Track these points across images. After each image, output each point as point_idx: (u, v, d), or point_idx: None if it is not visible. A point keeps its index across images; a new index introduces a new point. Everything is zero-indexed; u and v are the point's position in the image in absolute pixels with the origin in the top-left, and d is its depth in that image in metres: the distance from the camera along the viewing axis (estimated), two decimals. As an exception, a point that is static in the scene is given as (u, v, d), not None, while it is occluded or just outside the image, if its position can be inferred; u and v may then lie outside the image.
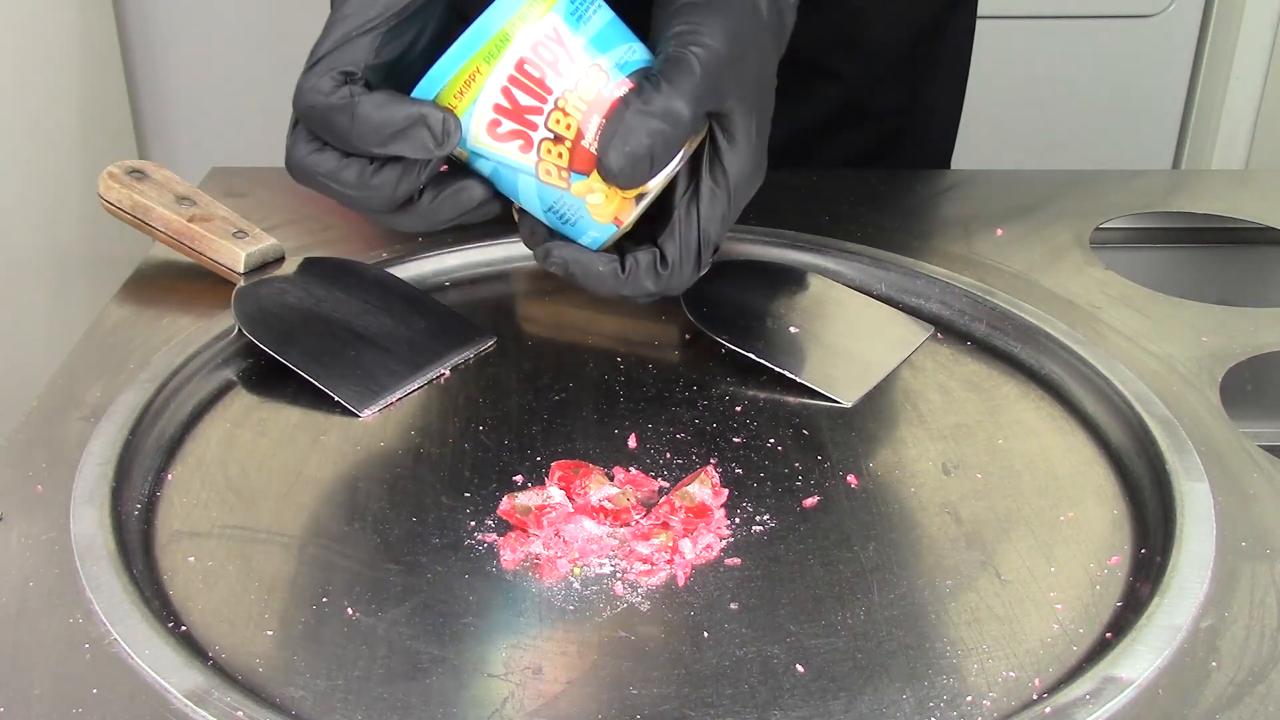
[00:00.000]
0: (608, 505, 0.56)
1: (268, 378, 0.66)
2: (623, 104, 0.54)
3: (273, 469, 0.60)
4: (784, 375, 0.67)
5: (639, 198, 0.56)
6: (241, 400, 0.65)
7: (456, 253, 0.77)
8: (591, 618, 0.51)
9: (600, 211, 0.57)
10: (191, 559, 0.54)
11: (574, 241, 0.58)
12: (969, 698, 0.48)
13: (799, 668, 0.49)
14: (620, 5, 0.57)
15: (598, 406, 0.65)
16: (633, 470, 0.60)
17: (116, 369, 0.65)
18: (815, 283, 0.75)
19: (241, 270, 0.71)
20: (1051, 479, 0.60)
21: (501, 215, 0.60)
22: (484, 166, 0.57)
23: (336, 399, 0.64)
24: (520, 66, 0.53)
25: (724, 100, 0.55)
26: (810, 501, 0.58)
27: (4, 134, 1.42)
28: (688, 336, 0.72)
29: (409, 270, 0.75)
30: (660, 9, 0.56)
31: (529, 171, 0.56)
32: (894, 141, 0.97)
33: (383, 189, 0.56)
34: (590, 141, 0.54)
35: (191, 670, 0.47)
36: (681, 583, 0.53)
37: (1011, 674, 0.49)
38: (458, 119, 0.54)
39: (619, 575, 0.54)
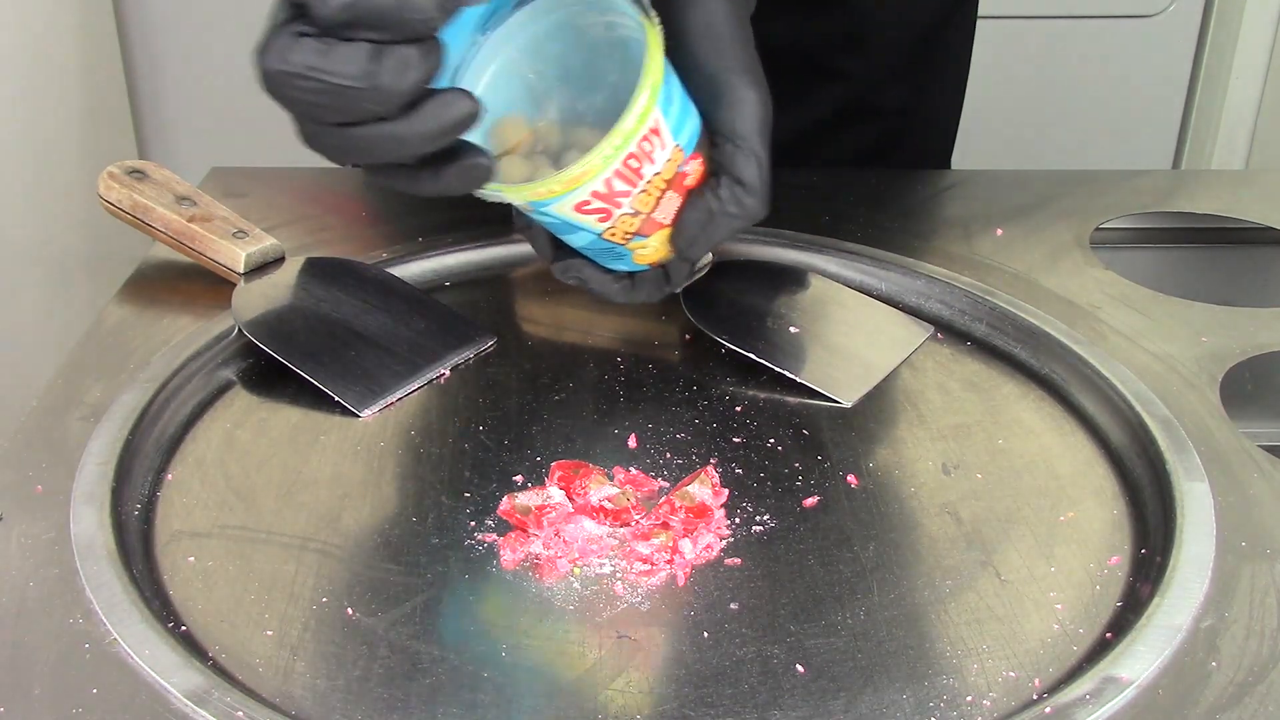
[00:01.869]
0: (608, 505, 0.56)
1: (268, 378, 0.66)
2: (709, 197, 0.58)
3: (273, 469, 0.60)
4: (784, 375, 0.67)
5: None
6: (241, 400, 0.65)
7: (456, 253, 0.77)
8: (591, 618, 0.51)
9: (645, 258, 0.61)
10: (191, 559, 0.54)
11: (593, 263, 0.62)
12: (969, 698, 0.48)
13: (799, 668, 0.49)
14: None
15: (598, 406, 0.65)
16: (633, 470, 0.60)
17: (116, 369, 0.65)
18: (815, 283, 0.75)
19: (241, 270, 0.71)
20: (1051, 479, 0.60)
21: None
22: (543, 218, 0.58)
23: (336, 399, 0.64)
24: (626, 162, 0.55)
25: (770, 166, 0.59)
26: (810, 501, 0.58)
27: (4, 134, 1.42)
28: (688, 336, 0.72)
29: (409, 270, 0.75)
30: (695, 57, 0.57)
31: (594, 231, 0.58)
32: (895, 141, 0.97)
33: (392, 76, 0.48)
34: (663, 214, 0.58)
35: (191, 670, 0.47)
36: (681, 583, 0.53)
37: (1011, 674, 0.49)
38: None
39: (619, 575, 0.54)
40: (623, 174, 0.55)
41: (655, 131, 0.55)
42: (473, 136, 0.53)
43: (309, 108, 0.49)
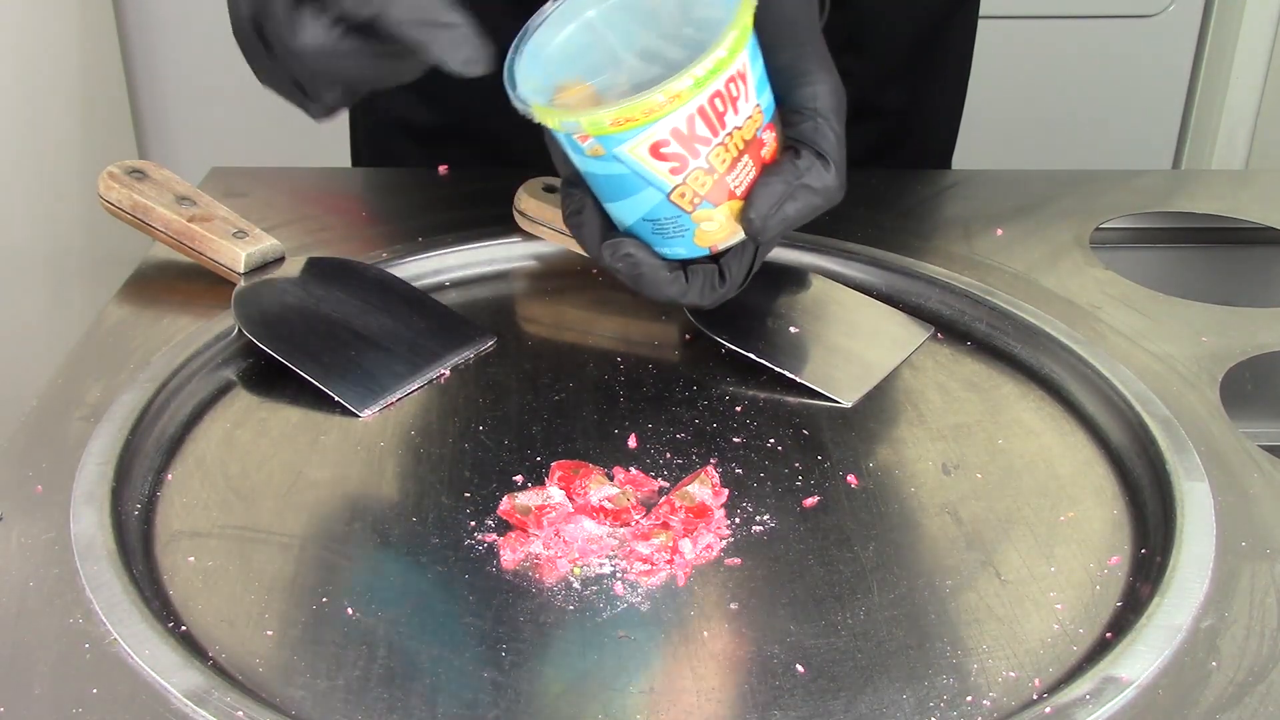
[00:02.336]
0: (608, 505, 0.56)
1: (268, 378, 0.66)
2: (789, 169, 0.56)
3: (273, 469, 0.60)
4: (784, 375, 0.67)
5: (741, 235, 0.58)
6: (241, 400, 0.65)
7: (456, 253, 0.77)
8: (592, 618, 0.51)
9: (706, 237, 0.58)
10: (191, 559, 0.54)
11: (647, 246, 0.59)
12: (969, 698, 0.48)
13: (799, 668, 0.49)
14: None
15: (598, 406, 0.65)
16: (633, 470, 0.60)
17: (116, 369, 0.65)
18: (815, 283, 0.75)
19: (241, 270, 0.71)
20: (1051, 479, 0.60)
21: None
22: (609, 168, 0.56)
23: (336, 399, 0.64)
24: (712, 99, 0.53)
25: (842, 149, 0.58)
26: (810, 501, 0.58)
27: (4, 134, 1.42)
28: (688, 336, 0.72)
29: (409, 270, 0.75)
30: (772, 49, 0.57)
31: (663, 189, 0.56)
32: (895, 140, 0.97)
33: None
34: (735, 178, 0.56)
35: (191, 670, 0.47)
36: (681, 583, 0.53)
37: (1011, 674, 0.49)
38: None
39: (619, 575, 0.54)
40: (706, 114, 0.53)
41: (742, 76, 0.54)
42: (538, 98, 0.54)
43: None
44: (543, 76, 0.56)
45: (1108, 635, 0.51)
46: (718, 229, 0.58)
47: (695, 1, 0.57)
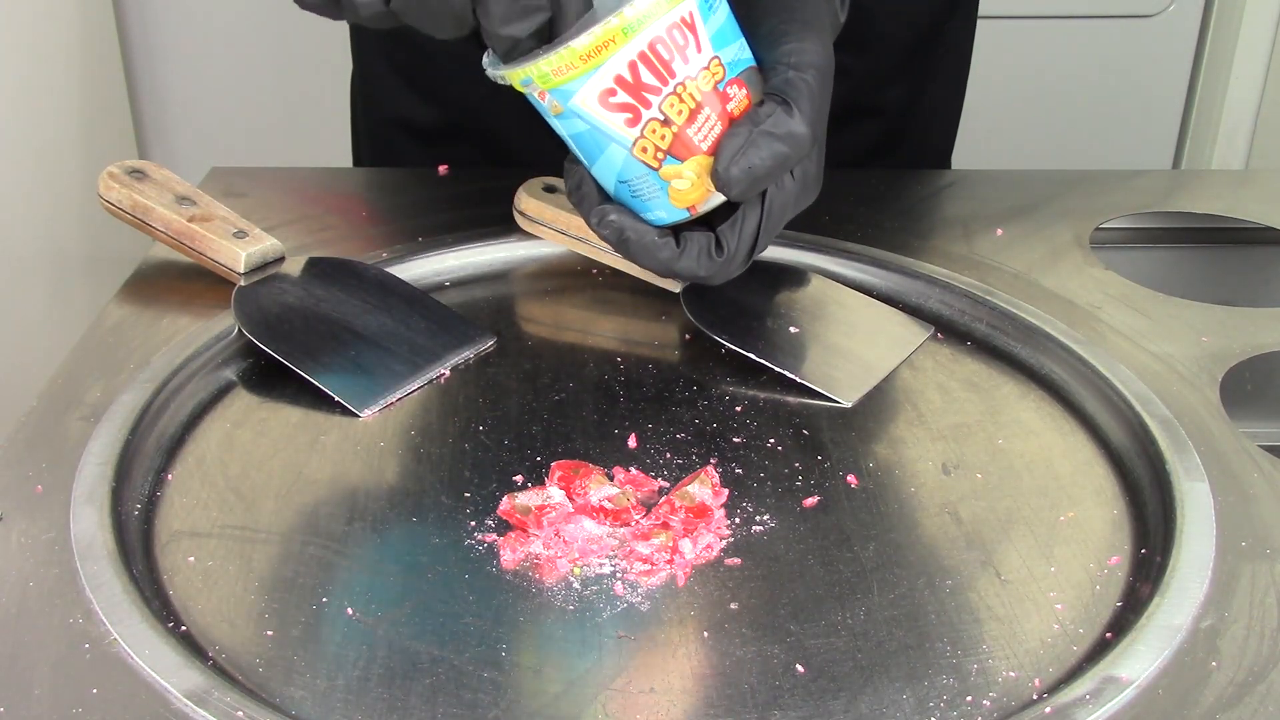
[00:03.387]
0: (608, 505, 0.56)
1: (268, 378, 0.66)
2: (749, 119, 0.56)
3: (273, 469, 0.60)
4: (784, 375, 0.67)
5: (717, 193, 0.58)
6: (241, 400, 0.65)
7: (456, 253, 0.77)
8: (592, 618, 0.51)
9: (681, 197, 0.58)
10: (191, 559, 0.54)
11: (634, 213, 0.59)
12: (969, 698, 0.48)
13: (799, 668, 0.49)
14: None
15: (598, 406, 0.65)
16: (633, 470, 0.60)
17: (116, 369, 0.65)
18: (815, 283, 0.75)
19: (241, 270, 0.71)
20: (1051, 479, 0.60)
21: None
22: (573, 125, 0.56)
23: (336, 399, 0.64)
24: (653, 45, 0.54)
25: (822, 115, 0.57)
26: (810, 501, 0.58)
27: (4, 134, 1.42)
28: (688, 336, 0.72)
29: (409, 270, 0.75)
30: (760, 17, 0.57)
31: (624, 144, 0.56)
32: (895, 140, 0.97)
33: None
34: (697, 132, 0.56)
35: (191, 670, 0.47)
36: (681, 583, 0.53)
37: (1011, 674, 0.49)
38: None
39: (619, 575, 0.54)
40: (649, 60, 0.54)
41: (689, 25, 0.54)
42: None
43: None
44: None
45: (1108, 635, 0.51)
46: (690, 187, 0.57)
47: None
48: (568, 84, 0.54)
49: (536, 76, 0.55)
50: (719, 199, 0.58)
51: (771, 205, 0.59)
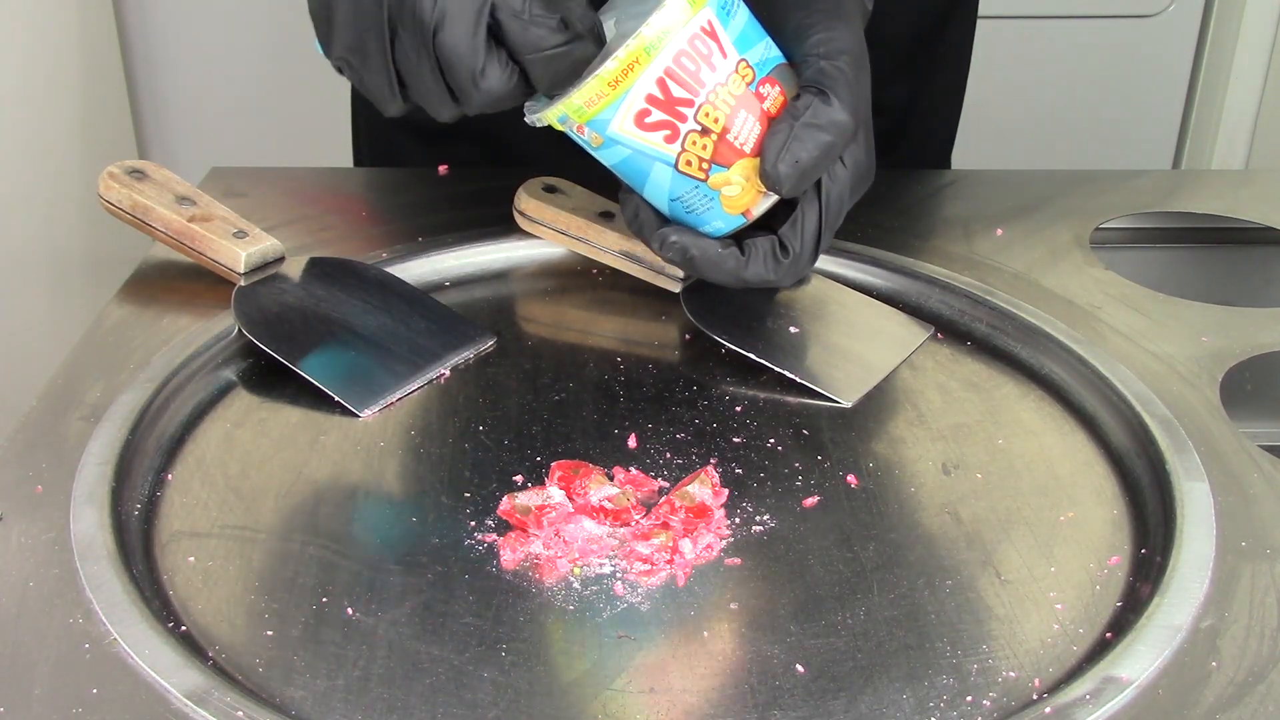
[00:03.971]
0: (608, 505, 0.56)
1: (268, 378, 0.66)
2: (788, 114, 0.56)
3: (273, 469, 0.60)
4: (784, 375, 0.67)
5: (770, 194, 0.58)
6: (241, 400, 0.65)
7: (456, 253, 0.77)
8: (592, 618, 0.51)
9: (733, 203, 0.58)
10: (191, 559, 0.54)
11: (693, 229, 0.60)
12: (969, 698, 0.48)
13: (799, 668, 0.49)
14: None
15: (598, 406, 0.65)
16: (633, 470, 0.60)
17: (116, 369, 0.65)
18: (815, 283, 0.75)
19: (241, 270, 0.71)
20: (1051, 479, 0.60)
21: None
22: (616, 154, 0.57)
23: (336, 399, 0.64)
24: (678, 59, 0.54)
25: (862, 102, 0.57)
26: (810, 501, 0.58)
27: (4, 134, 1.42)
28: (688, 336, 0.72)
29: (409, 270, 0.75)
30: (785, 14, 0.58)
31: (668, 161, 0.57)
32: (895, 140, 0.97)
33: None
34: (737, 136, 0.56)
35: (191, 670, 0.47)
36: (681, 583, 0.53)
37: (1011, 674, 0.49)
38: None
39: (619, 575, 0.54)
40: (675, 74, 0.54)
41: (710, 34, 0.54)
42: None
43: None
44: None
45: (1108, 635, 0.51)
46: (740, 193, 0.58)
47: None
48: (602, 113, 0.55)
49: (572, 112, 0.55)
50: (772, 199, 0.59)
51: (829, 198, 0.59)
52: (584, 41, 0.53)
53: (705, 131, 0.56)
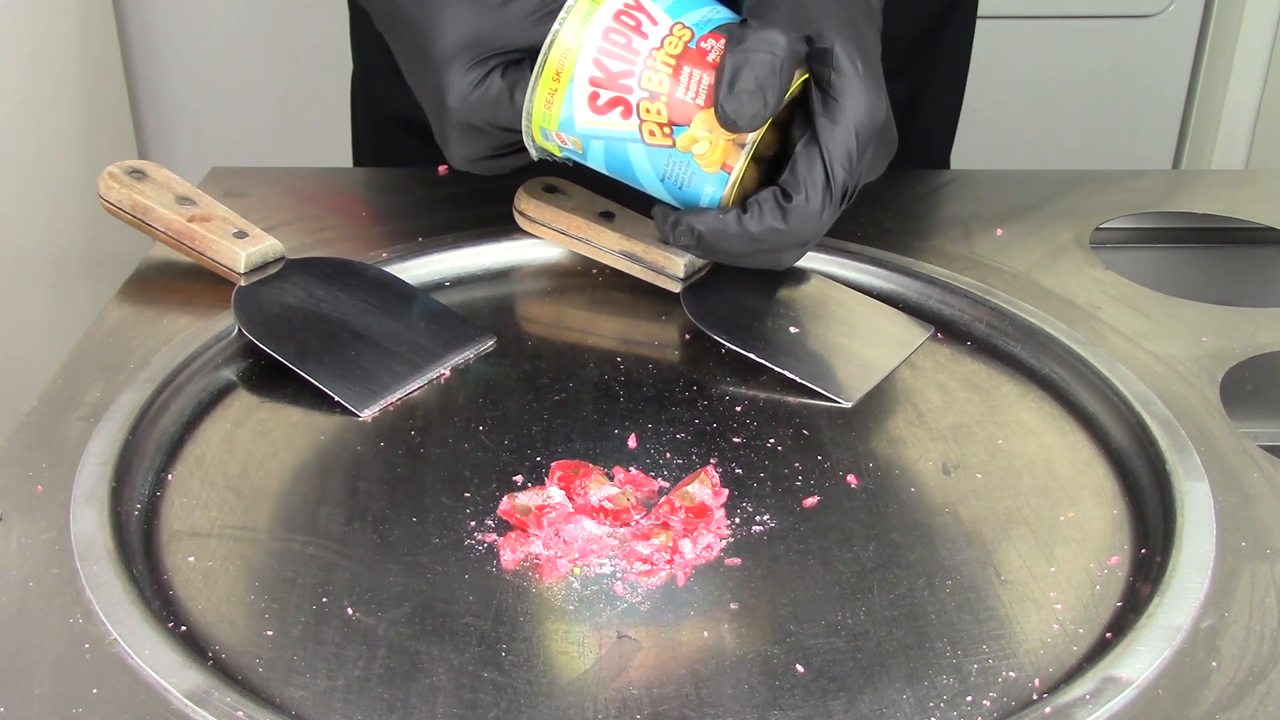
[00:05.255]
0: (608, 505, 0.56)
1: (268, 378, 0.66)
2: (727, 51, 0.56)
3: (273, 469, 0.60)
4: (784, 375, 0.67)
5: (742, 143, 0.57)
6: (241, 400, 0.65)
7: (456, 253, 0.77)
8: (591, 618, 0.51)
9: (708, 161, 0.58)
10: (191, 559, 0.54)
11: (694, 208, 0.60)
12: (969, 698, 0.48)
13: (799, 668, 0.49)
14: None
15: (598, 406, 0.65)
16: (633, 470, 0.60)
17: (116, 369, 0.65)
18: (815, 283, 0.75)
19: (241, 270, 0.71)
20: (1051, 479, 0.60)
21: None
22: (597, 152, 0.59)
23: (336, 399, 0.64)
24: (606, 36, 0.56)
25: (817, 27, 0.55)
26: (810, 501, 0.58)
27: (4, 134, 1.42)
28: (688, 336, 0.72)
29: (409, 270, 0.75)
30: None
31: (635, 138, 0.57)
32: (894, 140, 0.97)
33: None
34: (686, 90, 0.57)
35: (191, 670, 0.47)
36: (681, 583, 0.53)
37: (1011, 674, 0.49)
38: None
39: (619, 575, 0.54)
40: (610, 52, 0.56)
41: (635, 6, 0.56)
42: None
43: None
44: None
45: (1108, 635, 0.51)
46: (710, 147, 0.58)
47: None
48: (562, 112, 0.57)
49: (539, 120, 0.57)
50: (748, 146, 0.58)
51: (830, 140, 0.56)
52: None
53: (654, 96, 0.57)
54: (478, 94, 0.58)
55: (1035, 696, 0.48)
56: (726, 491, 0.58)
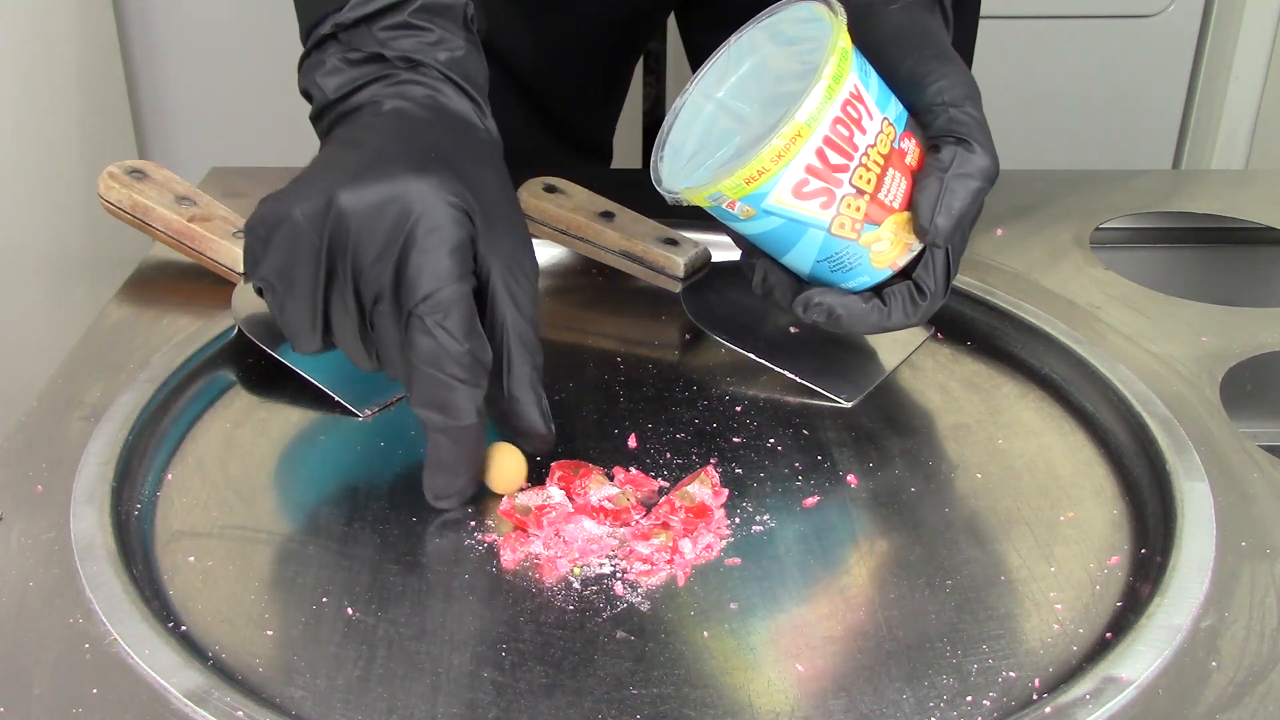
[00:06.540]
0: (608, 505, 0.56)
1: (268, 378, 0.66)
2: (934, 166, 0.57)
3: (273, 469, 0.60)
4: (784, 375, 0.67)
5: (912, 245, 0.59)
6: (241, 400, 0.65)
7: (456, 253, 0.77)
8: (592, 618, 0.51)
9: (881, 258, 0.59)
10: (191, 559, 0.54)
11: (834, 287, 0.60)
12: (969, 698, 0.48)
13: (799, 667, 0.49)
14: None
15: (598, 406, 0.65)
16: (633, 470, 0.60)
17: (116, 369, 0.65)
18: (815, 283, 0.75)
19: (241, 270, 0.70)
20: (1051, 479, 0.60)
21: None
22: (766, 224, 0.57)
23: (336, 399, 0.64)
24: (834, 127, 0.55)
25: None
26: (810, 501, 0.58)
27: (4, 134, 1.42)
28: (688, 336, 0.72)
29: (409, 270, 0.75)
30: (892, 66, 0.58)
31: (821, 226, 0.57)
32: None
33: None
34: (888, 194, 0.57)
35: (191, 670, 0.47)
36: (681, 583, 0.53)
37: (1011, 674, 0.49)
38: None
39: (619, 575, 0.54)
40: (833, 143, 0.55)
41: (858, 98, 0.55)
42: (684, 183, 0.57)
43: None
44: (691, 168, 0.58)
45: (1108, 635, 0.51)
46: (889, 247, 0.58)
47: (801, 40, 0.58)
48: (760, 188, 0.55)
49: (728, 189, 0.55)
50: (917, 250, 0.59)
51: (954, 247, 0.60)
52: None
53: (859, 194, 0.56)
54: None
55: (1035, 696, 0.48)
56: (726, 491, 0.58)
